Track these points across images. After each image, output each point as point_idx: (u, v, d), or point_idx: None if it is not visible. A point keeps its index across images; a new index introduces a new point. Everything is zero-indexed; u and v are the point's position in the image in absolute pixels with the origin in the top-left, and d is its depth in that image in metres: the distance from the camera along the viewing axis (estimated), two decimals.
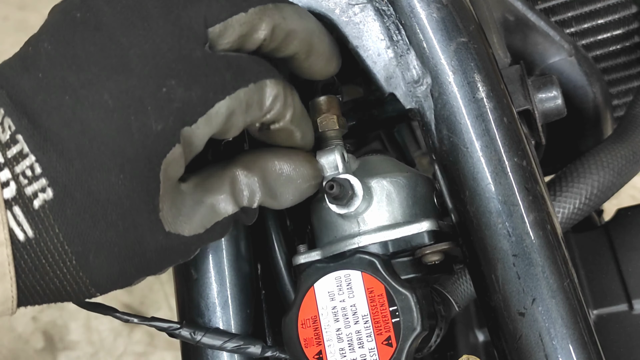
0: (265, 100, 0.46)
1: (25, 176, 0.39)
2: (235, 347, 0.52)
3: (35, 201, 0.39)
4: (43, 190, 0.39)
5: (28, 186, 0.39)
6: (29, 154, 0.39)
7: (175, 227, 0.44)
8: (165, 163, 0.42)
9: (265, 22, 0.46)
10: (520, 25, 0.73)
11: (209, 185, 0.47)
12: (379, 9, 0.53)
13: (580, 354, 0.48)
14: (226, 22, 0.45)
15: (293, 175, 0.50)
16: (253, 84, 0.45)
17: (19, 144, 0.39)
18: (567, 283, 0.49)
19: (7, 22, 2.12)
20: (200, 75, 0.43)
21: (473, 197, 0.50)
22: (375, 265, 0.51)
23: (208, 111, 0.43)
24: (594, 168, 0.64)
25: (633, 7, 0.74)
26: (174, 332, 0.52)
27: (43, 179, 0.39)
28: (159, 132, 0.41)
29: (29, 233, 0.39)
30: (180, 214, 0.44)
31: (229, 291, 0.55)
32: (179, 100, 0.42)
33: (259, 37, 0.47)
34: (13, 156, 0.39)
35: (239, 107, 0.44)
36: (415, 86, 0.52)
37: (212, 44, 0.45)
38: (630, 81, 0.82)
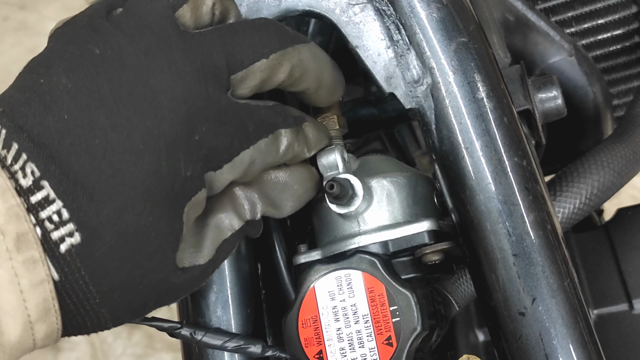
0: (280, 147, 0.48)
1: (52, 221, 0.39)
2: (235, 347, 0.52)
3: (62, 245, 0.39)
4: (71, 235, 0.39)
5: (54, 231, 0.39)
6: (55, 199, 0.39)
7: (188, 260, 0.44)
8: (189, 206, 0.43)
9: (285, 66, 0.47)
10: (520, 25, 0.73)
11: (209, 207, 0.47)
12: (379, 9, 0.53)
13: (581, 354, 0.48)
14: (248, 70, 0.45)
15: (289, 182, 0.51)
16: (272, 134, 0.47)
17: (44, 189, 0.39)
18: (568, 283, 0.49)
19: (7, 22, 2.12)
20: (227, 123, 0.44)
21: (473, 197, 0.50)
22: (376, 264, 0.51)
23: (233, 159, 0.44)
24: (594, 168, 0.64)
25: (633, 7, 0.74)
26: (174, 332, 0.52)
27: (71, 223, 0.39)
28: (187, 177, 0.42)
29: (55, 276, 0.39)
30: (189, 246, 0.45)
31: (229, 291, 0.55)
32: (207, 147, 0.43)
33: (277, 80, 0.48)
34: (38, 202, 0.39)
35: (259, 156, 0.46)
36: (416, 86, 0.52)
37: (233, 89, 0.45)
38: (630, 81, 0.82)
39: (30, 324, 0.39)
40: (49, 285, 0.39)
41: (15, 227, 0.38)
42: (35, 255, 0.38)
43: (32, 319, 0.39)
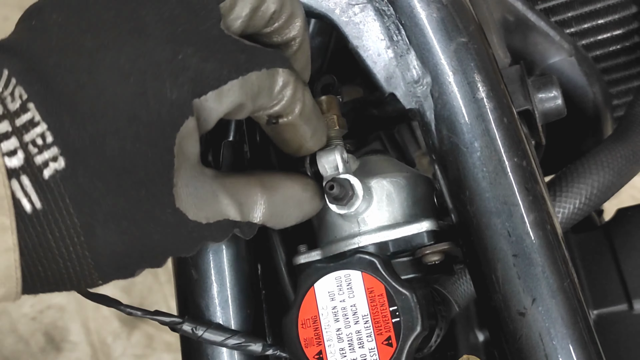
0: (275, 87, 0.46)
1: (35, 145, 0.38)
2: (236, 344, 0.52)
3: (45, 171, 0.38)
4: (54, 160, 0.38)
5: (38, 155, 0.38)
6: (40, 122, 0.38)
7: (185, 205, 0.42)
8: (179, 136, 0.41)
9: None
10: (520, 26, 0.73)
11: (226, 184, 0.46)
12: (379, 9, 0.53)
13: (581, 354, 0.48)
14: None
15: (301, 199, 0.50)
16: (265, 69, 0.44)
17: (29, 112, 0.38)
18: (567, 283, 0.49)
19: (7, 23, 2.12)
20: (215, 50, 0.42)
21: (473, 197, 0.50)
22: (376, 265, 0.51)
23: (220, 86, 0.42)
24: (594, 168, 0.64)
25: (633, 7, 0.74)
26: (176, 326, 0.52)
27: (55, 147, 0.38)
28: (173, 100, 0.40)
29: (37, 204, 0.38)
30: (194, 195, 0.43)
31: (229, 291, 0.55)
32: (193, 69, 0.41)
33: (269, 9, 0.46)
34: (22, 124, 0.38)
35: (250, 90, 0.44)
36: (415, 86, 0.52)
37: (225, 20, 0.44)
38: (630, 81, 0.82)
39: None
40: (15, 254, 0.38)
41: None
42: (5, 223, 0.37)
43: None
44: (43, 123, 0.38)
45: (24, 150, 0.38)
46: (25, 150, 0.38)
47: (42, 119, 0.38)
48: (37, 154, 0.38)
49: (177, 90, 0.40)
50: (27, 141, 0.38)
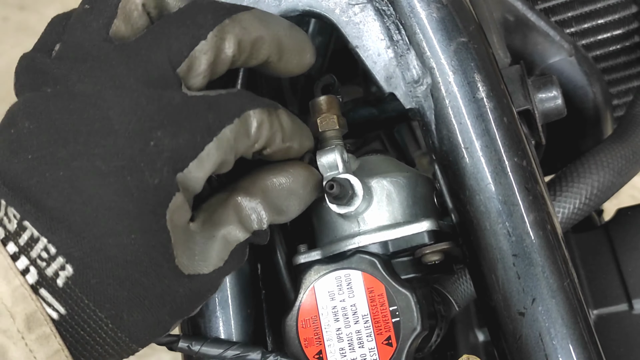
0: (251, 130, 0.46)
1: (42, 259, 0.40)
2: (234, 356, 0.52)
3: (58, 280, 0.40)
4: (63, 268, 0.40)
5: (47, 267, 0.40)
6: (39, 237, 0.40)
7: (194, 268, 0.44)
8: (169, 212, 0.42)
9: (228, 40, 0.45)
10: (520, 25, 0.73)
11: (216, 219, 0.47)
12: (379, 9, 0.53)
13: (580, 354, 0.48)
14: (190, 57, 0.44)
15: (293, 187, 0.50)
16: (237, 118, 0.45)
17: (27, 230, 0.40)
18: (567, 283, 0.49)
19: (7, 23, 2.12)
20: (183, 121, 0.43)
21: (473, 197, 0.50)
22: (376, 265, 0.51)
23: (199, 155, 0.43)
24: (594, 168, 0.64)
25: (633, 7, 0.74)
26: (172, 345, 0.52)
27: (60, 257, 0.40)
28: (156, 185, 0.42)
29: (61, 311, 0.40)
30: (195, 255, 0.45)
31: (229, 291, 0.55)
32: (167, 149, 0.42)
33: (227, 57, 0.46)
34: (26, 242, 0.40)
35: (228, 144, 0.45)
36: (415, 86, 0.52)
37: (186, 82, 0.45)
38: (630, 81, 0.82)
39: None
40: (64, 352, 0.40)
41: (23, 308, 0.39)
42: (46, 331, 0.40)
43: None
44: (42, 237, 0.40)
45: (34, 266, 0.40)
46: (35, 265, 0.40)
47: (40, 234, 0.40)
48: (46, 267, 0.40)
49: (158, 175, 0.42)
50: (34, 257, 0.40)
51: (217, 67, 0.46)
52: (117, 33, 0.45)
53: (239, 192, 0.49)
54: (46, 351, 0.40)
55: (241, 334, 0.55)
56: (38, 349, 0.39)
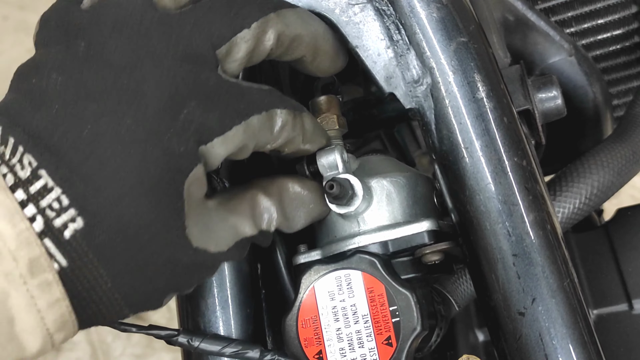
0: (275, 127, 0.47)
1: (53, 209, 0.40)
2: (233, 352, 0.52)
3: (65, 232, 0.40)
4: (73, 220, 0.40)
5: (56, 218, 0.40)
6: (54, 187, 0.40)
7: (202, 242, 0.44)
8: (187, 182, 0.43)
9: (270, 33, 0.47)
10: (520, 25, 0.73)
11: (232, 206, 0.48)
12: (379, 9, 0.53)
13: (580, 354, 0.48)
14: (231, 42, 0.45)
15: (306, 199, 0.51)
16: (265, 112, 0.46)
17: (42, 178, 0.40)
18: (567, 283, 0.49)
19: (7, 22, 2.12)
20: (216, 100, 0.44)
21: (473, 197, 0.50)
22: (376, 265, 0.51)
23: (225, 132, 0.44)
24: (594, 168, 0.64)
25: (633, 7, 0.74)
26: (171, 339, 0.52)
27: (72, 209, 0.40)
28: (181, 153, 0.42)
29: (63, 262, 0.40)
30: (207, 230, 0.45)
31: (228, 291, 0.55)
32: (197, 121, 0.43)
33: (265, 49, 0.47)
34: (37, 191, 0.40)
35: (252, 132, 0.46)
36: (415, 86, 0.52)
37: (222, 65, 0.45)
38: (630, 81, 0.82)
39: (50, 335, 0.40)
40: (65, 302, 0.40)
41: (27, 253, 0.39)
42: (49, 278, 0.39)
43: (52, 331, 0.40)
44: (57, 188, 0.40)
45: (42, 215, 0.40)
46: (43, 214, 0.40)
47: (55, 184, 0.40)
48: (55, 217, 0.40)
49: (184, 144, 0.42)
50: (43, 206, 0.40)
51: (253, 56, 0.47)
52: (160, 2, 0.45)
53: (257, 188, 0.50)
54: (47, 298, 0.39)
55: (241, 334, 0.55)
56: (40, 295, 0.39)
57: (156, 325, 0.52)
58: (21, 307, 0.39)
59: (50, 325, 0.40)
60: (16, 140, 0.41)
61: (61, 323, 0.41)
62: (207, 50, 0.44)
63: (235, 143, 0.45)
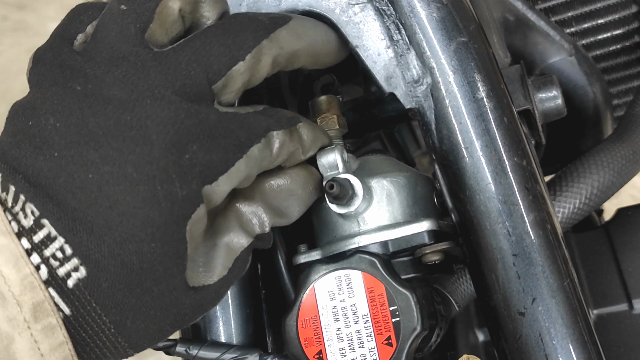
0: (273, 150, 0.47)
1: (56, 258, 0.40)
2: (232, 359, 0.52)
3: (69, 281, 0.40)
4: (76, 270, 0.40)
5: (60, 268, 0.40)
6: (57, 236, 0.40)
7: (197, 280, 0.44)
8: (190, 224, 0.42)
9: (264, 60, 0.46)
10: (520, 25, 0.73)
11: (217, 227, 0.48)
12: (379, 9, 0.53)
13: (580, 354, 0.48)
14: (227, 76, 0.45)
15: (292, 188, 0.51)
16: (263, 138, 0.46)
17: (45, 228, 0.40)
18: (567, 283, 0.49)
19: (6, 22, 2.12)
20: (218, 137, 0.43)
21: (473, 197, 0.50)
22: (376, 264, 0.50)
23: (229, 170, 0.44)
24: (594, 168, 0.64)
25: (633, 7, 0.74)
26: (169, 349, 0.52)
27: (75, 258, 0.40)
28: (184, 196, 0.42)
29: (66, 311, 0.40)
30: (198, 266, 0.45)
31: (228, 291, 0.55)
32: (200, 164, 0.42)
33: (261, 75, 0.47)
34: (40, 240, 0.40)
35: (255, 162, 0.46)
36: (415, 86, 0.52)
37: (218, 98, 0.45)
38: (630, 81, 0.82)
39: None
40: (68, 345, 0.40)
41: (31, 297, 0.39)
42: (52, 322, 0.40)
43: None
44: (60, 237, 0.40)
45: (46, 264, 0.40)
46: (47, 264, 0.40)
47: (58, 233, 0.40)
48: (59, 266, 0.40)
49: (187, 187, 0.42)
50: (47, 255, 0.40)
51: (250, 84, 0.47)
52: (152, 37, 0.45)
53: (237, 198, 0.49)
54: (51, 342, 0.40)
55: (241, 334, 0.55)
56: (43, 339, 0.39)
57: None
58: (24, 352, 0.39)
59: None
60: (17, 188, 0.40)
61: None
62: (204, 86, 0.44)
63: (240, 176, 0.45)
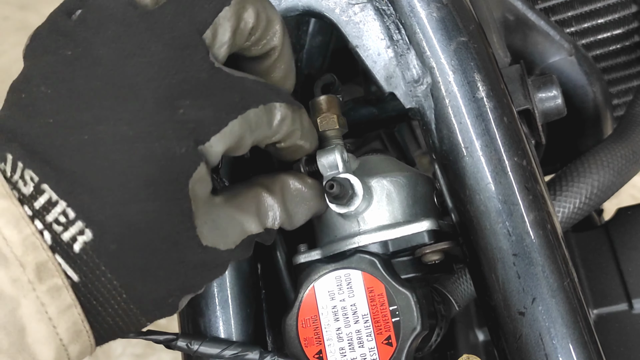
0: (274, 121, 0.47)
1: (59, 223, 0.39)
2: (233, 355, 0.52)
3: (75, 245, 0.39)
4: (81, 233, 0.39)
5: (64, 232, 0.39)
6: (58, 200, 0.39)
7: (212, 241, 0.44)
8: (192, 182, 0.42)
9: (249, 10, 0.46)
10: (520, 25, 0.73)
11: (238, 203, 0.47)
12: (379, 9, 0.53)
13: (581, 354, 0.48)
14: (215, 23, 0.45)
15: (307, 196, 0.51)
16: (263, 105, 0.45)
17: (45, 193, 0.39)
18: (567, 282, 0.49)
19: (7, 22, 2.13)
20: (210, 95, 0.43)
21: (473, 197, 0.50)
22: (376, 264, 0.51)
23: (222, 129, 0.43)
24: (594, 168, 0.64)
25: (633, 7, 0.74)
26: (170, 343, 0.52)
27: (79, 221, 0.39)
28: (182, 154, 0.41)
29: (74, 278, 0.39)
30: (215, 228, 0.44)
31: (229, 291, 0.55)
32: (193, 120, 0.42)
33: (247, 27, 0.47)
34: (42, 206, 0.39)
35: (249, 125, 0.45)
36: (416, 85, 0.52)
37: (211, 51, 0.45)
38: (630, 80, 0.82)
39: (64, 347, 0.40)
40: (77, 309, 0.39)
41: (34, 257, 0.38)
42: (58, 283, 0.39)
43: (65, 342, 0.39)
44: (62, 201, 0.39)
45: (49, 230, 0.39)
46: (50, 229, 0.39)
47: (60, 197, 0.39)
48: (63, 231, 0.39)
49: (185, 143, 0.41)
50: (50, 221, 0.39)
51: (236, 37, 0.46)
52: (141, 1, 0.45)
53: (261, 186, 0.49)
54: (58, 305, 0.39)
55: (241, 334, 0.55)
56: (50, 302, 0.38)
57: (154, 330, 0.52)
58: (32, 316, 0.38)
59: (63, 335, 0.39)
60: (14, 156, 0.40)
61: (74, 332, 0.40)
62: (193, 36, 0.44)
63: (233, 138, 0.44)
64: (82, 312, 0.39)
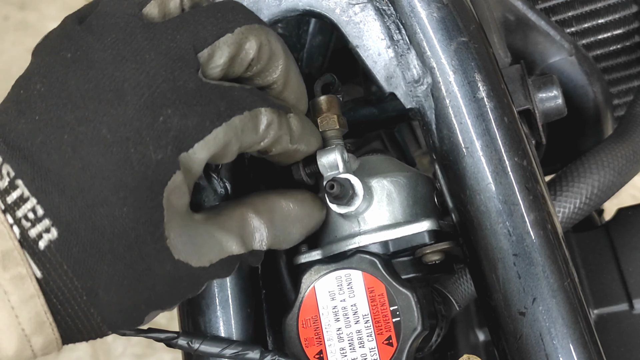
0: (260, 127, 0.46)
1: (28, 219, 0.39)
2: (233, 354, 0.52)
3: (40, 242, 0.39)
4: (47, 231, 0.39)
5: (32, 229, 0.39)
6: (29, 197, 0.40)
7: (185, 255, 0.43)
8: (167, 191, 0.42)
9: (252, 41, 0.46)
10: (520, 25, 0.73)
11: (220, 222, 0.47)
12: (380, 9, 0.53)
13: (581, 354, 0.48)
14: (214, 45, 0.45)
15: (300, 215, 0.51)
16: (248, 111, 0.45)
17: (18, 188, 0.40)
18: (568, 282, 0.49)
19: (7, 22, 2.12)
20: (195, 104, 0.43)
21: (473, 197, 0.50)
22: (376, 264, 0.51)
23: (205, 137, 0.43)
24: (594, 168, 0.64)
25: (633, 7, 0.74)
26: (171, 342, 0.52)
27: (46, 219, 0.39)
28: (158, 161, 0.41)
29: (37, 274, 0.39)
30: (192, 243, 0.44)
31: (229, 290, 0.55)
32: (175, 129, 0.42)
33: (247, 57, 0.47)
34: (13, 201, 0.40)
35: (234, 132, 0.45)
36: (416, 86, 0.52)
37: (204, 69, 0.45)
38: (630, 80, 0.82)
39: (26, 337, 0.40)
40: (40, 300, 0.39)
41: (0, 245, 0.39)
42: (22, 272, 0.39)
43: (27, 332, 0.40)
44: (33, 198, 0.40)
45: (18, 225, 0.39)
46: (19, 225, 0.39)
47: (31, 194, 0.40)
48: (30, 227, 0.39)
49: (162, 151, 0.41)
50: (19, 216, 0.40)
51: (234, 65, 0.47)
52: (149, 14, 0.45)
53: (247, 206, 0.49)
54: (21, 294, 0.39)
55: (241, 334, 0.55)
56: (12, 290, 0.39)
57: (155, 329, 0.52)
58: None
59: (25, 325, 0.39)
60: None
61: (37, 323, 0.40)
62: (188, 52, 0.44)
63: (217, 145, 0.44)
64: (45, 304, 0.40)
